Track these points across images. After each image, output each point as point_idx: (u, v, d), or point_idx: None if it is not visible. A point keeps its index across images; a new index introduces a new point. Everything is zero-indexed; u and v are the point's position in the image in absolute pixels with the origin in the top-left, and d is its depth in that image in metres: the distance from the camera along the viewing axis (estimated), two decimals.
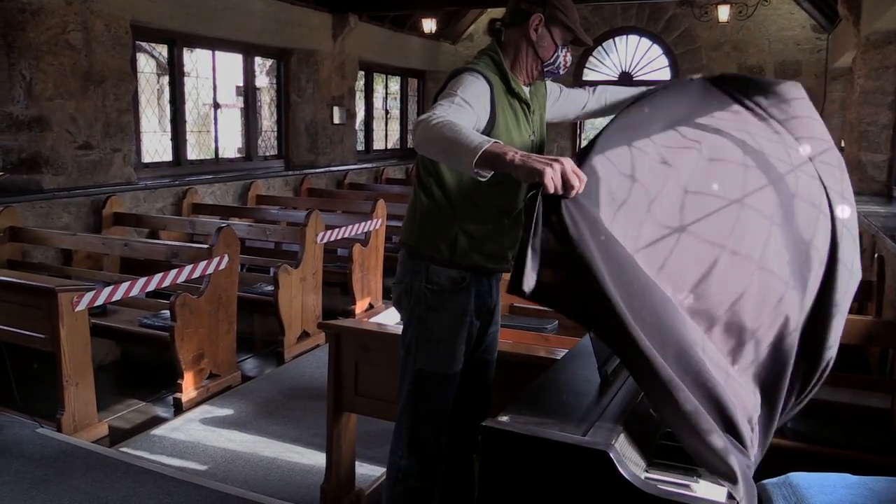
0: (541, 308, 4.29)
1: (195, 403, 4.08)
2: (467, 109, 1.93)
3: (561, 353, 2.76)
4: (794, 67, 10.01)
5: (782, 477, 1.65)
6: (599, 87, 2.51)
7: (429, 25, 9.71)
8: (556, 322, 4.11)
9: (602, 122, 2.09)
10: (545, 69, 2.23)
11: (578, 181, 1.47)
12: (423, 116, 1.82)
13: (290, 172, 8.19)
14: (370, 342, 2.82)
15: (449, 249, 2.13)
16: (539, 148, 2.27)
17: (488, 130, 2.06)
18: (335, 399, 2.88)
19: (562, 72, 2.26)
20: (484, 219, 2.14)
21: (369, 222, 5.84)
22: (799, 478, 1.62)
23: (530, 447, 1.39)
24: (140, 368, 4.88)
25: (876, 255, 3.55)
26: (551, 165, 1.47)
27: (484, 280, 2.22)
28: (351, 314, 5.61)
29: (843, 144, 8.63)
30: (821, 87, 9.77)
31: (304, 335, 5.15)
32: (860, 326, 2.80)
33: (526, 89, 2.22)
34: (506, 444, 1.41)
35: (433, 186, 2.14)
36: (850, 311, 3.99)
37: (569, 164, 1.48)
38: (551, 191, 1.45)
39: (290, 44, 8.01)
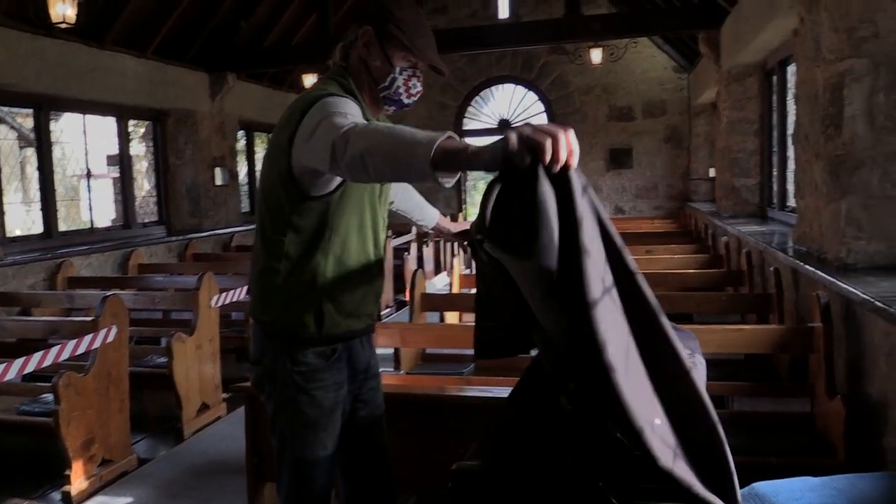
0: (455, 353, 4.24)
1: (87, 495, 3.66)
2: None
3: (491, 392, 2.69)
4: (659, 106, 10.68)
5: (746, 488, 1.61)
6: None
7: (309, 81, 9.62)
8: (473, 365, 4.05)
9: None
10: (382, 95, 1.92)
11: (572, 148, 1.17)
12: (341, 132, 1.53)
13: (173, 238, 7.80)
14: None
15: (315, 323, 1.86)
16: (386, 192, 2.03)
17: None
18: (255, 469, 2.65)
19: (406, 100, 1.93)
20: (349, 276, 1.90)
21: None
22: (764, 487, 1.59)
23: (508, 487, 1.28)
24: (20, 462, 4.36)
25: (772, 269, 3.71)
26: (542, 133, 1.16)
27: (356, 343, 2.00)
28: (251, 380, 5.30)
29: (711, 174, 9.24)
30: (686, 123, 10.46)
31: (204, 407, 4.80)
32: (770, 336, 2.89)
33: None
34: (480, 487, 1.30)
35: (287, 245, 1.83)
36: (751, 323, 4.18)
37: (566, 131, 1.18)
38: (548, 157, 1.14)
39: (166, 104, 7.72)
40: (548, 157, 1.14)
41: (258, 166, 10.16)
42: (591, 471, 1.30)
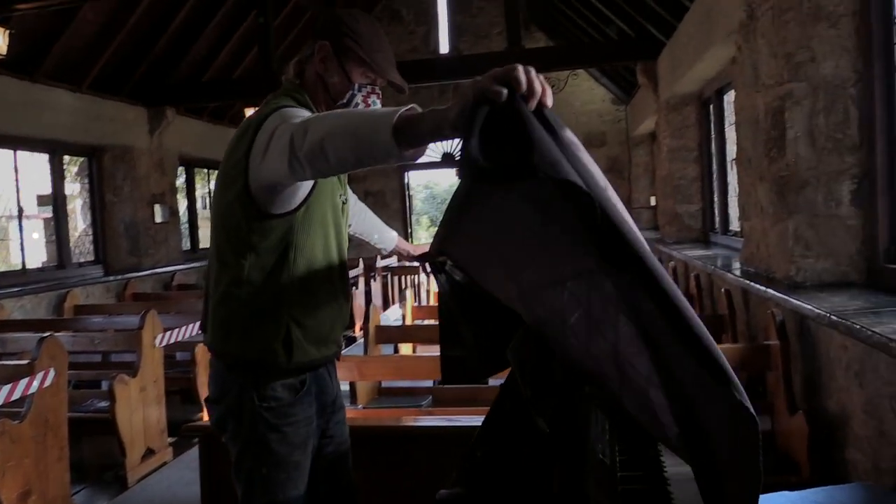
0: (411, 385, 4.17)
1: None
2: None
3: (456, 421, 2.63)
4: (599, 138, 10.91)
5: None
6: (358, 203, 2.25)
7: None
8: (430, 397, 3.98)
9: None
10: None
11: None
12: (300, 122, 1.47)
13: (111, 278, 7.53)
14: None
15: (285, 351, 1.75)
16: (346, 212, 1.96)
17: (311, 185, 1.73)
18: None
19: None
20: (317, 298, 1.80)
21: None
22: None
23: None
24: None
25: (723, 290, 3.78)
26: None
27: (322, 372, 1.90)
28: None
29: (652, 203, 9.46)
30: (625, 153, 10.72)
31: (149, 453, 4.57)
32: (728, 355, 2.91)
33: None
34: None
35: (249, 269, 1.72)
36: None
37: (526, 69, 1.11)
38: (524, 87, 1.06)
39: (102, 140, 7.50)
40: (523, 86, 1.06)
41: (199, 203, 9.95)
42: (580, 493, 1.25)
